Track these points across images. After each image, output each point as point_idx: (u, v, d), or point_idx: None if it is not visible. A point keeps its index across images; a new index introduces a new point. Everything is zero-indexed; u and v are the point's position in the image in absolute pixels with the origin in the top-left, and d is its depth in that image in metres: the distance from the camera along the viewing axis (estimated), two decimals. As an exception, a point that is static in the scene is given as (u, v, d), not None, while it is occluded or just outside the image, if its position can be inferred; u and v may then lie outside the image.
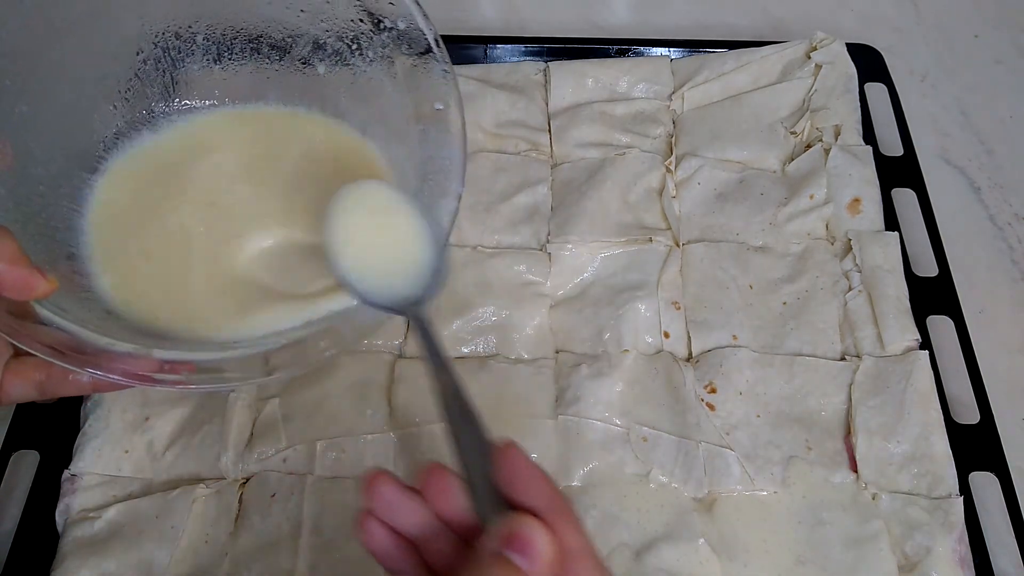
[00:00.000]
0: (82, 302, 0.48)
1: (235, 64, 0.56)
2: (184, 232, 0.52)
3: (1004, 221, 0.75)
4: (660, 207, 0.68)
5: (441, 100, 0.53)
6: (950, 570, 0.53)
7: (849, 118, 0.72)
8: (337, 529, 0.54)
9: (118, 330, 0.46)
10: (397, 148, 0.55)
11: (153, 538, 0.54)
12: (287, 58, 0.56)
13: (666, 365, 0.61)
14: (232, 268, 0.52)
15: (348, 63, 0.55)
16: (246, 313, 0.50)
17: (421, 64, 0.53)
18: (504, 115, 0.72)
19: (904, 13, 0.89)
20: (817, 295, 0.64)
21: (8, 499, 0.58)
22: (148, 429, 0.58)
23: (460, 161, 0.52)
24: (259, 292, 0.51)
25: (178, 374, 0.45)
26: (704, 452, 0.57)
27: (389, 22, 0.53)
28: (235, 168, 0.55)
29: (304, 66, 0.56)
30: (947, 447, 0.57)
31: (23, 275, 0.41)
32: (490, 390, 0.60)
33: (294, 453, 0.57)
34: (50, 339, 0.43)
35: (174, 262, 0.51)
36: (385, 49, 0.54)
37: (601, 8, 0.89)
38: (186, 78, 0.55)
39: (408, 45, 0.53)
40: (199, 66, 0.56)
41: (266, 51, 0.56)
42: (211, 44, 0.55)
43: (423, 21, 0.52)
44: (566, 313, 0.64)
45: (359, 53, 0.54)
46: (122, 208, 0.52)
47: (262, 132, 0.56)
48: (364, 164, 0.55)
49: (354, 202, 0.48)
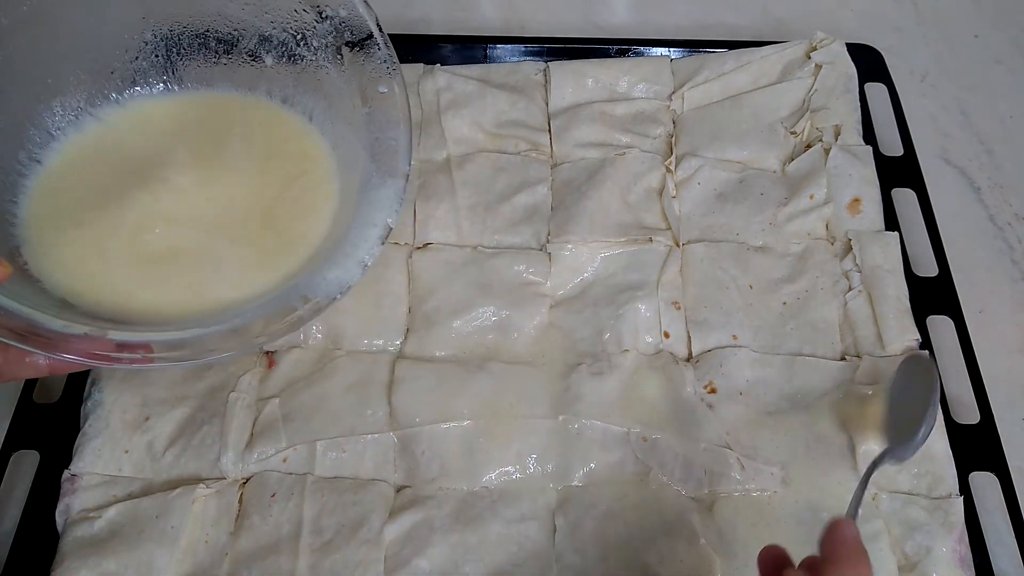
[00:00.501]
0: (37, 292, 0.50)
1: (183, 59, 0.58)
2: (129, 210, 0.54)
3: (1004, 221, 0.75)
4: (660, 207, 0.68)
5: (384, 83, 0.55)
6: (950, 570, 0.53)
7: (849, 118, 0.72)
8: (337, 529, 0.54)
9: (73, 317, 0.47)
10: (345, 132, 0.57)
11: (153, 538, 0.54)
12: (235, 51, 0.58)
13: (666, 365, 0.61)
14: (175, 245, 0.53)
15: (295, 54, 0.57)
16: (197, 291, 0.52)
17: (364, 50, 0.54)
18: (504, 115, 0.72)
19: (904, 13, 0.89)
20: (817, 295, 0.64)
21: (8, 499, 0.58)
22: (148, 429, 0.58)
23: (406, 141, 0.54)
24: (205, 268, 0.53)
25: (135, 353, 0.46)
26: (704, 452, 0.57)
27: (331, 11, 0.54)
28: (182, 152, 0.57)
29: (252, 59, 0.58)
30: (947, 447, 0.57)
31: None
32: (490, 390, 0.60)
33: (294, 453, 0.57)
34: (7, 322, 0.44)
35: (118, 243, 0.53)
36: (329, 37, 0.55)
37: (601, 8, 0.89)
38: (134, 71, 0.57)
39: (351, 32, 0.55)
40: (148, 62, 0.57)
41: (213, 45, 0.58)
42: (159, 40, 0.57)
43: (363, 8, 0.54)
44: (566, 313, 0.64)
45: (304, 43, 0.56)
46: (65, 197, 0.54)
47: (208, 116, 0.58)
48: (306, 149, 0.58)
49: None
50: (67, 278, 0.51)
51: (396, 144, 0.55)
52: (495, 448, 0.58)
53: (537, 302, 0.64)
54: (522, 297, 0.64)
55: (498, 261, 0.65)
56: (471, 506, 0.56)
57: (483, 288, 0.64)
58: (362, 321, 0.62)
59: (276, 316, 0.50)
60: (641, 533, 0.55)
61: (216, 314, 0.51)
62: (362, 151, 0.55)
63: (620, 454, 0.58)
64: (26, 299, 0.46)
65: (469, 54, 0.77)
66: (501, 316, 0.63)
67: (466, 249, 0.66)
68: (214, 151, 0.57)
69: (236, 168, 0.57)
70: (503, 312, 0.63)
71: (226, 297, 0.52)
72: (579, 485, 0.57)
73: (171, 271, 0.53)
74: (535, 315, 0.63)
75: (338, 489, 0.56)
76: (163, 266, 0.53)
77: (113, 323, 0.48)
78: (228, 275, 0.53)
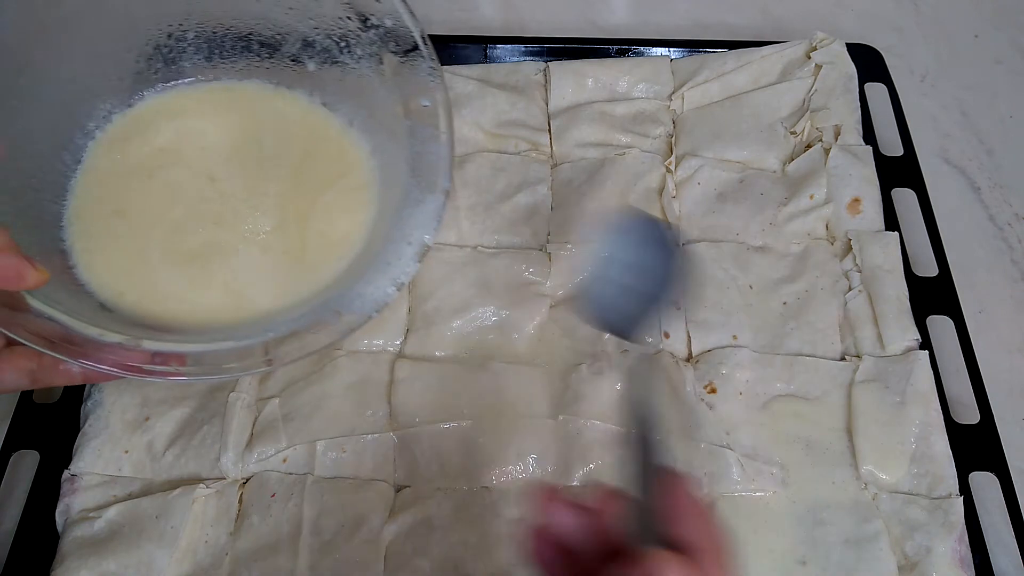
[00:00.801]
0: (76, 295, 0.49)
1: (226, 62, 0.57)
2: (170, 209, 0.54)
3: (1004, 221, 0.75)
4: (660, 207, 0.68)
5: (428, 97, 0.54)
6: (950, 570, 0.53)
7: (849, 118, 0.72)
8: (337, 529, 0.54)
9: (111, 323, 0.47)
10: (386, 142, 0.56)
11: (153, 538, 0.54)
12: (277, 55, 0.57)
13: (666, 365, 0.61)
14: (213, 244, 0.53)
15: (337, 60, 0.56)
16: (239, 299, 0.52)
17: (408, 61, 0.53)
18: (504, 115, 0.72)
19: (904, 13, 0.89)
20: (817, 295, 0.64)
21: (8, 499, 0.58)
22: (148, 429, 0.58)
23: (447, 158, 0.53)
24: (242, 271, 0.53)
25: (168, 365, 0.45)
26: (704, 452, 0.57)
27: (376, 20, 0.53)
28: (223, 150, 0.56)
29: (294, 63, 0.57)
30: (947, 447, 0.57)
31: (13, 265, 0.41)
32: (490, 390, 0.60)
33: (294, 453, 0.57)
34: (41, 329, 0.43)
35: (159, 241, 0.53)
36: (373, 47, 0.54)
37: (601, 8, 0.89)
38: (176, 71, 0.57)
39: (395, 43, 0.54)
40: (190, 63, 0.57)
41: (256, 48, 0.57)
42: (201, 42, 0.56)
43: (409, 19, 0.53)
44: (566, 313, 0.64)
45: (347, 50, 0.55)
46: (109, 197, 0.54)
47: (249, 115, 0.58)
48: (346, 152, 0.57)
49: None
50: (110, 278, 0.51)
51: (437, 159, 0.53)
52: (495, 448, 0.58)
53: (537, 302, 0.64)
54: (522, 297, 0.64)
55: (498, 261, 0.65)
56: (471, 506, 0.56)
57: (483, 288, 0.64)
58: (362, 321, 0.62)
59: (309, 331, 0.49)
60: (641, 533, 0.55)
61: (250, 322, 0.51)
62: (402, 163, 0.54)
63: (620, 454, 0.57)
64: (64, 304, 0.45)
65: (469, 54, 0.77)
66: (501, 316, 0.63)
67: (466, 249, 0.66)
68: (254, 150, 0.57)
69: (276, 168, 0.56)
70: (503, 312, 0.63)
71: (261, 304, 0.52)
72: (579, 485, 0.57)
73: (208, 271, 0.52)
74: (535, 315, 0.63)
75: (338, 489, 0.56)
76: (201, 265, 0.52)
77: (150, 330, 0.48)
78: (263, 279, 0.53)
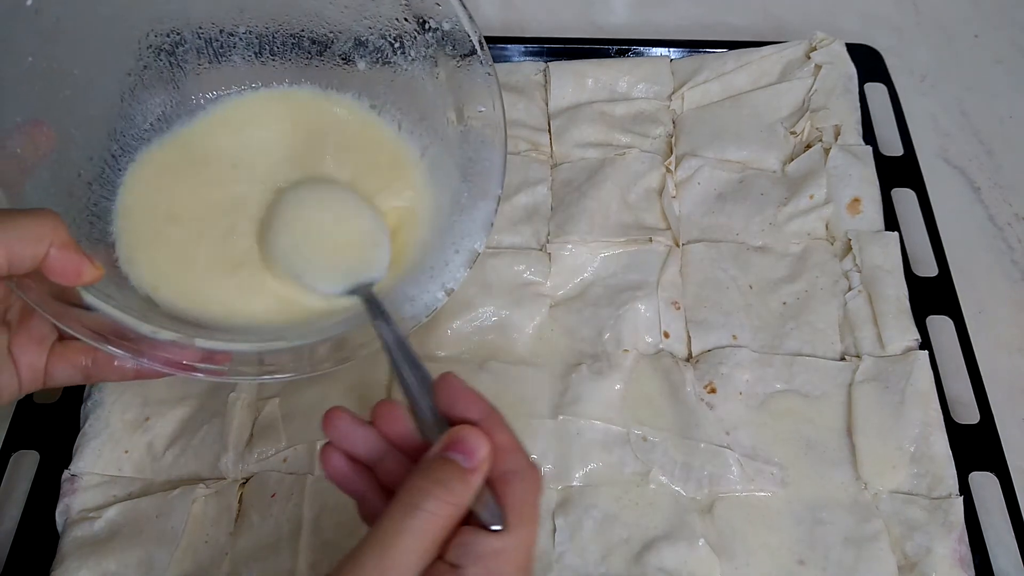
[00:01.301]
0: (123, 290, 0.48)
1: (276, 59, 0.56)
2: (221, 211, 0.53)
3: (1004, 221, 0.75)
4: (660, 207, 0.68)
5: (483, 102, 0.53)
6: (950, 570, 0.53)
7: (849, 118, 0.72)
8: (337, 529, 0.54)
9: (158, 318, 0.47)
10: (436, 147, 0.55)
11: (153, 538, 0.54)
12: (327, 53, 0.56)
13: (666, 365, 0.61)
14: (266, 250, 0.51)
15: (390, 61, 0.55)
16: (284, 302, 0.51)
17: (464, 66, 0.52)
18: (504, 115, 0.72)
19: (904, 13, 0.89)
20: (817, 295, 0.64)
21: (8, 499, 0.58)
22: (148, 429, 0.58)
23: (500, 164, 0.52)
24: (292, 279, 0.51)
25: (218, 364, 0.45)
26: (704, 452, 0.57)
27: (435, 23, 0.52)
28: (275, 153, 0.55)
29: (345, 62, 0.56)
30: (947, 447, 0.57)
31: (73, 260, 0.41)
32: (490, 390, 0.58)
33: (294, 453, 0.57)
34: (96, 325, 0.43)
35: (210, 244, 0.52)
36: (428, 49, 0.53)
37: (601, 8, 0.89)
38: (227, 67, 0.56)
39: (452, 46, 0.53)
40: (241, 57, 0.56)
41: (307, 45, 0.56)
42: (252, 37, 0.55)
43: (468, 23, 0.52)
44: (566, 313, 0.64)
45: (401, 52, 0.54)
46: (154, 195, 0.53)
47: (299, 116, 0.57)
48: (398, 158, 0.56)
49: (295, 201, 0.51)
50: (155, 277, 0.50)
51: (490, 165, 0.52)
52: (495, 448, 0.58)
53: (537, 302, 0.64)
54: (522, 297, 0.64)
55: (498, 261, 0.65)
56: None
57: (483, 288, 0.64)
58: (362, 321, 0.62)
59: (359, 334, 0.48)
60: (641, 533, 0.55)
61: (300, 324, 0.50)
62: (454, 169, 0.53)
63: (620, 454, 0.58)
64: (115, 299, 0.45)
65: (469, 54, 0.77)
66: (501, 316, 0.63)
67: (466, 249, 0.66)
68: (307, 153, 0.55)
69: (329, 172, 0.55)
70: (503, 312, 0.63)
71: (312, 306, 0.51)
72: (579, 485, 0.57)
73: (258, 279, 0.51)
74: (535, 315, 0.63)
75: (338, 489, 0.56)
76: (250, 273, 0.51)
77: (197, 327, 0.47)
78: (309, 296, 0.51)
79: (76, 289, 0.43)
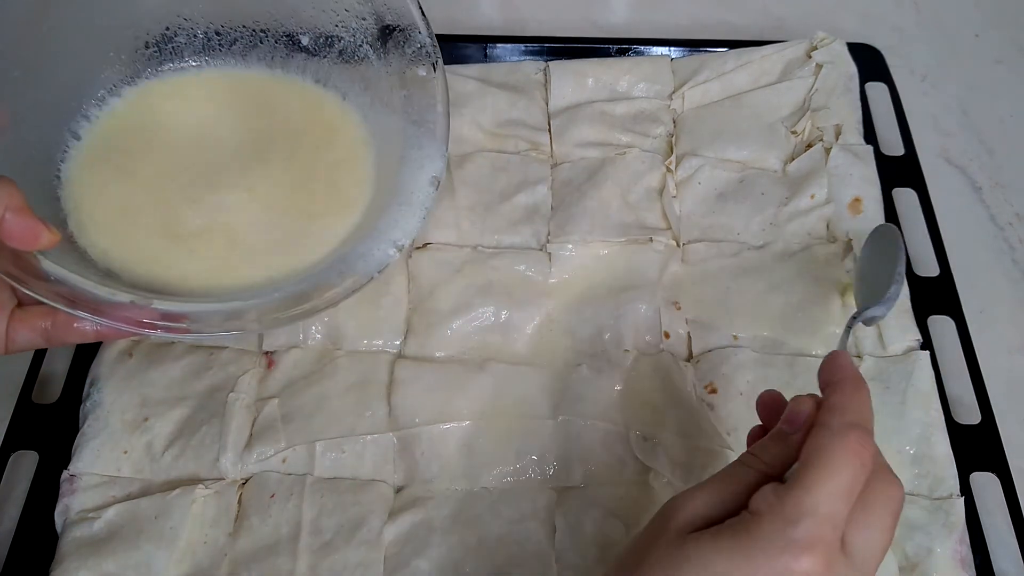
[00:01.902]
0: (83, 263, 0.50)
1: (221, 38, 0.59)
2: (168, 183, 0.55)
3: (1005, 221, 0.75)
4: (660, 207, 0.68)
5: (424, 67, 0.55)
6: (951, 571, 0.53)
7: (850, 118, 0.72)
8: (336, 530, 0.54)
9: (117, 286, 0.48)
10: (381, 113, 0.57)
11: (152, 539, 0.54)
12: (271, 33, 0.59)
13: (666, 365, 0.61)
14: (211, 223, 0.54)
15: (332, 35, 0.57)
16: (231, 265, 0.53)
17: (404, 33, 0.54)
18: (504, 115, 0.72)
19: (904, 13, 0.89)
20: (818, 295, 0.63)
21: (8, 499, 0.58)
22: (147, 429, 0.58)
23: (444, 125, 0.55)
24: (236, 250, 0.54)
25: (179, 322, 0.47)
26: (705, 453, 0.57)
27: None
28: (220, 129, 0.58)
29: (288, 39, 0.59)
30: (948, 447, 0.57)
31: (29, 224, 0.42)
32: (490, 390, 0.59)
33: (294, 454, 0.57)
34: (55, 290, 0.44)
35: (156, 212, 0.54)
36: (369, 20, 0.56)
37: (601, 8, 0.89)
38: (171, 49, 0.58)
39: (391, 15, 0.55)
40: (184, 39, 0.58)
41: (251, 24, 0.59)
42: (198, 18, 0.58)
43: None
44: (566, 313, 0.64)
45: (342, 25, 0.56)
46: (107, 169, 0.55)
47: (243, 92, 0.59)
48: (340, 129, 0.59)
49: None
50: (109, 248, 0.52)
51: (435, 127, 0.55)
52: (495, 448, 0.57)
53: (537, 302, 0.64)
54: (522, 297, 0.64)
55: (498, 261, 0.65)
56: (471, 506, 0.56)
57: (483, 288, 0.64)
58: (362, 321, 0.62)
59: (314, 292, 0.50)
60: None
61: (256, 286, 0.52)
62: (399, 135, 0.55)
63: (620, 454, 0.57)
64: (72, 268, 0.46)
65: (469, 54, 0.77)
66: (501, 316, 0.63)
67: (466, 249, 0.66)
68: (251, 128, 0.58)
69: (273, 147, 0.57)
70: (503, 312, 0.63)
71: (266, 269, 0.53)
72: (579, 485, 0.57)
73: (206, 248, 0.53)
74: (535, 315, 0.63)
75: (337, 490, 0.56)
76: (197, 242, 0.53)
77: (154, 292, 0.49)
78: (259, 259, 0.54)
79: (34, 256, 0.44)
